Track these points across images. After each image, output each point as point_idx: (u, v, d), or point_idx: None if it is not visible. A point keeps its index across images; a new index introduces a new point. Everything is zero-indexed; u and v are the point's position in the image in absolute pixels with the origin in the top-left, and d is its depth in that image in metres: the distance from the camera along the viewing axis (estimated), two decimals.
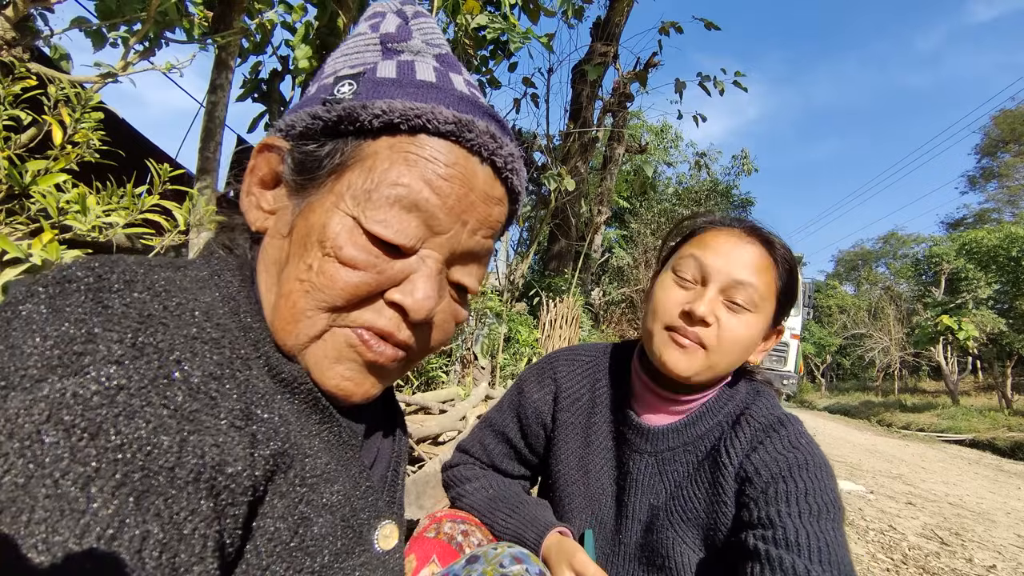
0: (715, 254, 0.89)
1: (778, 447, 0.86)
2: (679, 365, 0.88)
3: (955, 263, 18.90)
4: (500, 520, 0.99)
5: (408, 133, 0.48)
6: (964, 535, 3.86)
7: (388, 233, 0.47)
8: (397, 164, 0.47)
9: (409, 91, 0.49)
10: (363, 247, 0.46)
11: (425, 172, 0.47)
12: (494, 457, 1.12)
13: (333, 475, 0.48)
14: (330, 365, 0.48)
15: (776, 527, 0.77)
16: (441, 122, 0.47)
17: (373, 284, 0.47)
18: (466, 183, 0.49)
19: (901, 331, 25.78)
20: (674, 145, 19.77)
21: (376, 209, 0.46)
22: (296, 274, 0.47)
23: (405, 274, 0.49)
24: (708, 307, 0.86)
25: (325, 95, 0.50)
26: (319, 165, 0.48)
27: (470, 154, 0.50)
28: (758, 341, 0.92)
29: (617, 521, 1.00)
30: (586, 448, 1.04)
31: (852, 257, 44.20)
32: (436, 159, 0.48)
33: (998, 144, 35.13)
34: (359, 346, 0.49)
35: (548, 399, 1.07)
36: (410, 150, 0.47)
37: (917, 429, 14.03)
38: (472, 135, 0.49)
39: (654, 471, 0.97)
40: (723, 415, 0.95)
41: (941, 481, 6.35)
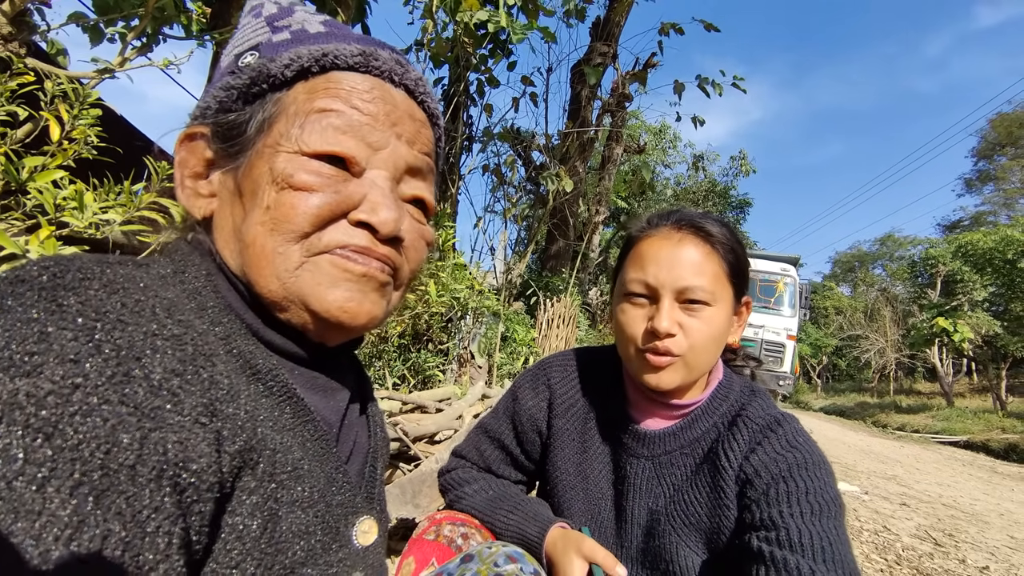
0: (655, 266, 0.89)
1: (777, 447, 0.87)
2: (661, 383, 0.89)
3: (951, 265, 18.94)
4: (501, 518, 0.99)
5: (320, 73, 0.51)
6: (958, 536, 3.88)
7: (332, 147, 0.49)
8: (319, 99, 0.50)
9: (308, 42, 0.53)
10: (313, 170, 0.49)
11: (347, 99, 0.51)
12: (490, 462, 1.12)
13: (307, 471, 0.47)
14: (327, 291, 0.49)
15: (779, 528, 0.77)
16: (348, 55, 0.51)
17: (333, 203, 0.49)
18: (388, 102, 0.53)
19: (897, 333, 25.87)
20: (672, 146, 19.80)
21: (313, 134, 0.49)
22: (256, 220, 0.48)
23: (361, 195, 0.50)
24: (668, 320, 0.86)
25: (230, 71, 0.52)
26: (245, 128, 0.51)
27: (382, 80, 0.53)
28: (728, 326, 0.93)
29: (618, 525, 1.00)
30: (583, 454, 1.04)
31: (849, 259, 44.31)
32: (354, 87, 0.51)
33: (995, 147, 35.26)
34: (345, 263, 0.49)
35: (543, 405, 1.08)
36: (327, 86, 0.51)
37: (912, 430, 14.09)
38: (379, 62, 0.53)
39: (652, 475, 0.97)
40: (719, 416, 0.95)
41: (935, 482, 6.38)
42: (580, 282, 7.62)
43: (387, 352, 3.37)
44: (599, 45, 6.76)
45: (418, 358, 3.43)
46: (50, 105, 1.57)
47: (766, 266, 10.95)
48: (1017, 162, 33.65)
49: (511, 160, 4.82)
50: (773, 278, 10.76)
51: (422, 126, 0.56)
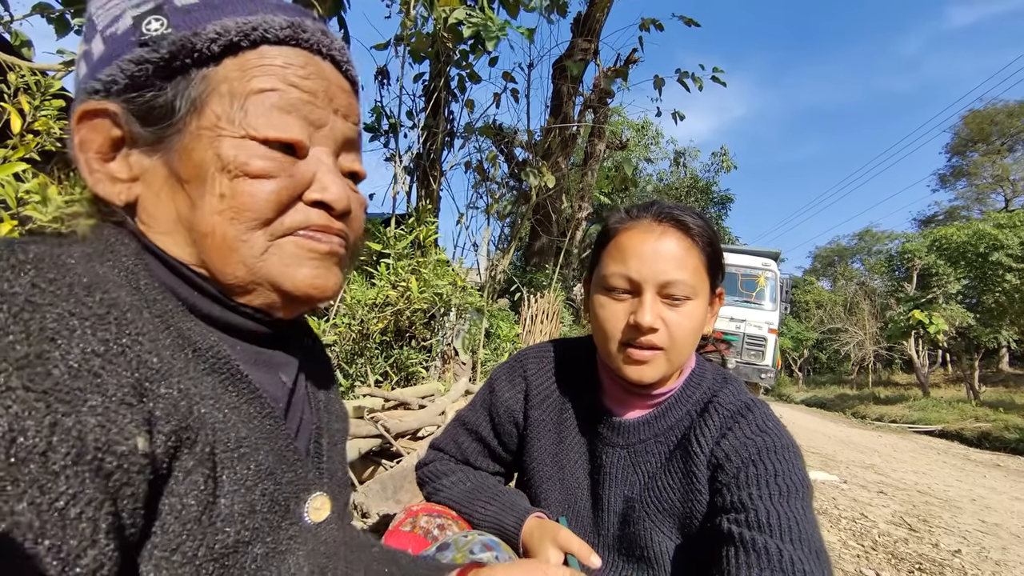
0: (637, 259, 0.89)
1: (747, 432, 0.88)
2: (644, 376, 0.90)
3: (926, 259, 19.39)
4: (479, 509, 0.99)
5: (250, 48, 0.49)
6: (931, 521, 3.98)
7: (283, 133, 0.49)
8: (256, 77, 0.48)
9: (227, 8, 0.49)
10: (266, 156, 0.48)
11: (285, 76, 0.49)
12: (468, 454, 1.12)
13: (252, 448, 0.46)
14: (295, 271, 0.50)
15: (748, 510, 0.78)
16: (278, 28, 0.49)
17: (290, 187, 0.49)
18: (323, 76, 0.52)
19: (875, 325, 26.43)
20: (655, 142, 19.96)
21: (259, 117, 0.48)
22: (211, 209, 0.47)
23: (310, 174, 0.51)
24: (652, 314, 0.87)
25: (131, 38, 0.47)
26: (172, 110, 0.47)
27: (312, 53, 0.52)
28: (705, 318, 0.94)
29: (594, 514, 1.01)
30: (559, 444, 1.05)
31: (829, 253, 45.10)
32: (289, 64, 0.50)
33: (967, 144, 36.14)
34: (309, 243, 0.51)
35: (519, 397, 1.08)
36: (262, 63, 0.49)
37: (890, 421, 14.42)
38: (307, 34, 0.51)
39: (627, 463, 0.98)
40: (691, 404, 0.96)
41: (911, 470, 6.54)
42: (564, 278, 7.64)
43: (369, 349, 3.34)
44: (580, 41, 6.77)
45: (400, 355, 3.41)
46: (12, 97, 1.52)
47: (747, 261, 11.07)
48: (988, 158, 34.54)
49: (492, 156, 4.81)
50: (754, 273, 10.89)
51: (350, 95, 0.56)
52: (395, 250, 3.37)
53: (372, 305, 3.21)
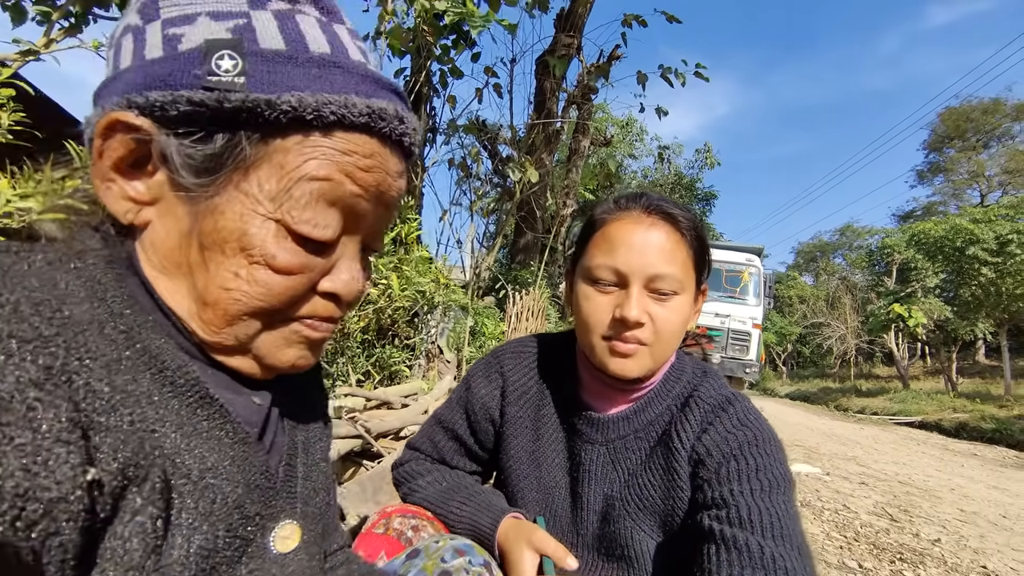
0: (626, 250, 0.86)
1: (728, 426, 0.86)
2: (627, 371, 0.87)
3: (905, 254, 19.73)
4: (454, 510, 0.96)
5: (320, 129, 0.43)
6: (912, 511, 4.04)
7: (318, 233, 0.45)
8: (313, 160, 0.43)
9: (311, 72, 0.43)
10: (295, 251, 0.44)
11: (344, 166, 0.45)
12: (444, 453, 1.08)
13: (220, 477, 0.43)
14: (282, 351, 0.49)
15: (730, 506, 0.76)
16: (356, 116, 0.44)
17: (307, 283, 0.47)
18: (383, 168, 0.48)
19: (856, 319, 26.87)
20: (639, 139, 20.04)
21: (301, 209, 0.44)
22: (220, 282, 0.44)
23: (331, 264, 0.48)
24: (639, 309, 0.84)
25: (197, 70, 0.41)
26: (218, 166, 0.42)
27: (382, 141, 0.47)
28: (691, 313, 0.92)
29: (573, 513, 0.98)
30: (537, 441, 1.02)
31: (811, 249, 45.74)
32: (354, 152, 0.45)
33: (944, 140, 36.87)
34: (305, 330, 0.49)
35: (496, 394, 1.05)
36: (325, 145, 0.44)
37: (871, 413, 14.68)
38: (384, 123, 0.46)
39: (606, 460, 0.95)
40: (672, 398, 0.94)
41: (892, 461, 6.64)
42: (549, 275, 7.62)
43: (350, 348, 3.29)
44: (563, 36, 6.74)
45: (383, 354, 3.36)
46: None
47: (731, 256, 11.17)
48: (964, 155, 35.27)
49: (475, 152, 4.76)
50: (738, 268, 10.98)
51: (402, 177, 0.51)
52: None
53: None
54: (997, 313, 16.10)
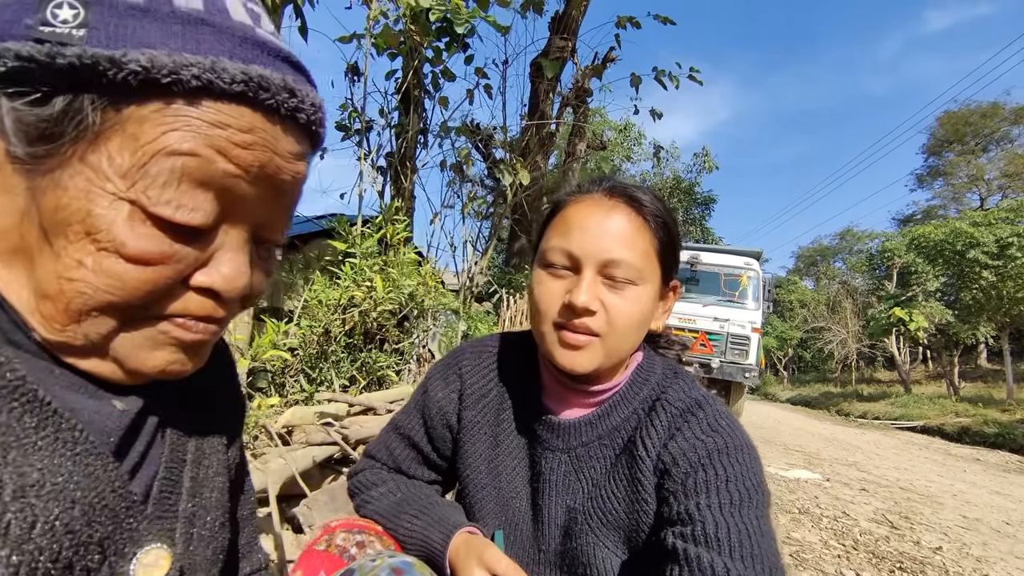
0: (581, 233, 0.79)
1: (696, 432, 0.78)
2: (576, 364, 0.79)
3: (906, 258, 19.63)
4: (405, 524, 0.88)
5: (183, 97, 0.36)
6: (913, 518, 3.94)
7: (182, 216, 0.37)
8: (174, 131, 0.36)
9: (171, 28, 0.36)
10: (152, 238, 0.37)
11: (215, 140, 0.37)
12: (400, 461, 1.01)
13: (48, 495, 0.36)
14: (148, 354, 0.41)
15: (695, 522, 0.68)
16: (227, 82, 0.37)
17: (173, 276, 0.39)
18: (268, 147, 0.40)
19: (857, 324, 26.74)
20: (637, 143, 20.01)
21: (159, 188, 0.36)
22: (62, 271, 0.37)
23: (207, 255, 0.41)
24: (589, 294, 0.76)
25: (29, 19, 0.34)
26: (57, 133, 0.35)
27: (267, 116, 0.40)
28: (653, 309, 0.84)
29: (534, 527, 0.90)
30: (495, 448, 0.94)
31: (811, 253, 45.61)
32: (227, 125, 0.38)
33: (943, 144, 36.84)
34: (175, 330, 0.42)
35: (453, 397, 0.97)
36: (190, 115, 0.36)
37: (873, 418, 14.55)
38: (267, 94, 0.39)
39: (569, 469, 0.88)
40: (639, 402, 0.86)
41: (893, 467, 6.54)
42: None
43: (335, 352, 3.21)
44: (557, 39, 6.70)
45: (368, 358, 3.28)
46: None
47: (730, 260, 11.09)
48: (964, 158, 35.24)
49: (465, 153, 4.71)
50: (737, 272, 10.90)
51: (301, 160, 0.44)
52: (360, 249, 3.25)
53: (336, 306, 3.08)
54: (998, 317, 15.99)
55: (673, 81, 5.50)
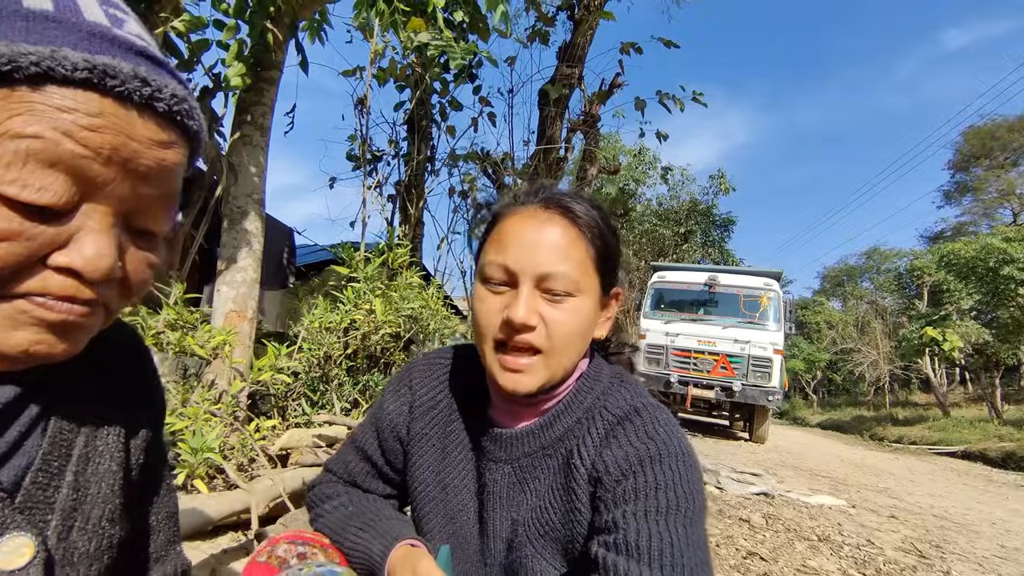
0: (516, 248, 0.78)
1: (631, 439, 0.76)
2: (520, 385, 0.78)
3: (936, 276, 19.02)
4: (351, 537, 0.87)
5: (27, 83, 0.39)
6: (945, 547, 3.72)
7: (28, 195, 0.39)
8: (19, 116, 0.38)
9: (15, 25, 0.39)
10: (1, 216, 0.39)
11: (60, 123, 0.39)
12: (355, 475, 1.00)
13: None
14: (8, 334, 0.42)
15: (619, 530, 0.67)
16: (69, 69, 0.39)
17: (24, 253, 0.40)
18: (121, 132, 0.42)
19: (888, 344, 25.83)
20: (652, 167, 20.04)
21: (3, 168, 0.38)
22: None
23: (68, 234, 0.42)
24: (526, 310, 0.76)
25: None
26: None
27: (119, 102, 0.42)
28: (595, 318, 0.83)
29: (481, 540, 0.89)
30: (443, 460, 0.93)
31: (837, 273, 44.52)
32: (73, 109, 0.40)
33: (969, 159, 35.96)
34: (36, 309, 0.42)
35: (404, 409, 0.97)
36: (33, 100, 0.39)
37: (909, 442, 13.90)
38: (116, 81, 0.41)
39: (513, 481, 0.86)
40: (582, 411, 0.85)
41: (928, 493, 6.21)
42: None
43: (337, 376, 3.24)
44: (564, 67, 6.84)
45: (371, 380, 3.29)
46: None
47: (749, 281, 10.92)
48: (993, 173, 34.31)
49: (471, 179, 4.78)
50: (756, 293, 10.71)
51: (168, 148, 0.46)
52: (363, 273, 3.30)
53: (337, 330, 3.12)
54: None
55: (677, 104, 5.54)
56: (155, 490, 0.64)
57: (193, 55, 2.80)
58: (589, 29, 6.88)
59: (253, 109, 3.07)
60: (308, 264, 7.80)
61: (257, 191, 3.03)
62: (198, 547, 1.89)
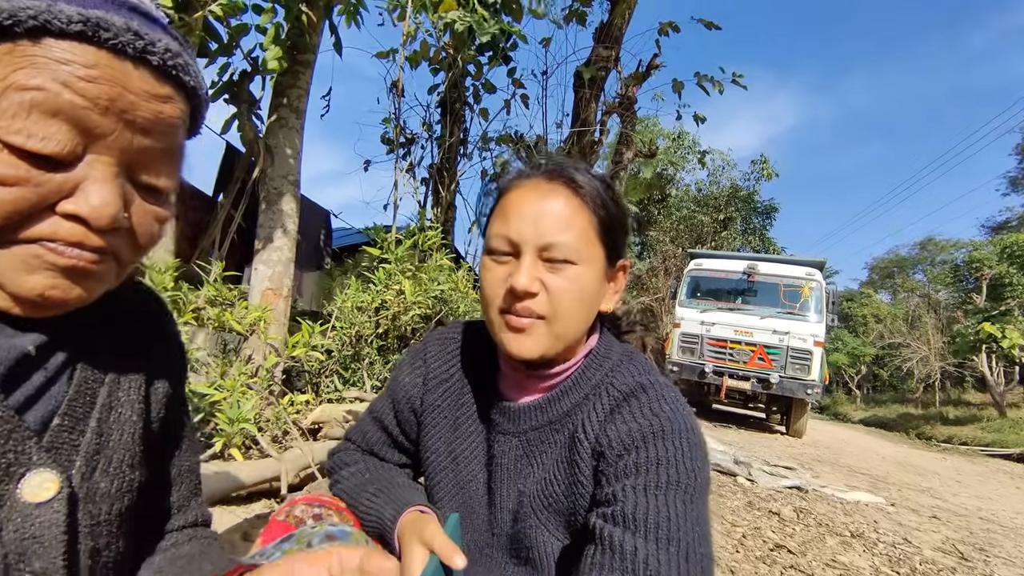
0: (518, 220, 0.79)
1: (636, 415, 0.76)
2: (523, 349, 0.80)
3: (997, 268, 17.92)
4: (364, 502, 0.91)
5: (27, 37, 0.42)
6: (990, 551, 3.56)
7: (32, 143, 0.42)
8: (21, 69, 0.41)
9: None
10: (6, 161, 0.42)
11: (58, 74, 0.42)
12: (372, 444, 1.04)
13: None
14: (24, 278, 0.45)
15: (617, 502, 0.67)
16: (64, 22, 0.42)
17: (33, 199, 0.43)
18: (117, 83, 0.44)
19: (941, 340, 24.58)
20: (691, 151, 19.44)
21: (10, 119, 0.41)
22: None
23: (74, 183, 0.44)
24: (528, 277, 0.77)
25: None
26: None
27: (113, 54, 0.44)
28: (599, 289, 0.83)
29: (489, 510, 0.91)
30: (454, 431, 0.96)
31: (887, 264, 42.48)
32: (71, 61, 0.42)
33: None
34: (48, 254, 0.45)
35: (418, 381, 1.00)
36: (35, 53, 0.42)
37: (960, 443, 13.26)
38: (109, 34, 0.43)
39: (521, 454, 0.88)
40: (590, 387, 0.85)
41: (975, 495, 5.94)
42: None
43: (368, 355, 3.32)
44: (600, 48, 6.69)
45: (400, 359, 3.37)
46: None
47: (790, 271, 10.55)
48: None
49: (503, 162, 4.78)
50: (798, 283, 10.34)
51: (164, 102, 0.48)
52: (394, 255, 3.36)
53: (368, 310, 3.19)
54: None
55: (716, 86, 5.35)
56: (176, 444, 0.68)
57: (232, 39, 2.88)
58: (627, 9, 6.70)
59: (289, 92, 3.15)
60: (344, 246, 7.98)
61: (292, 172, 3.11)
62: (233, 511, 2.00)
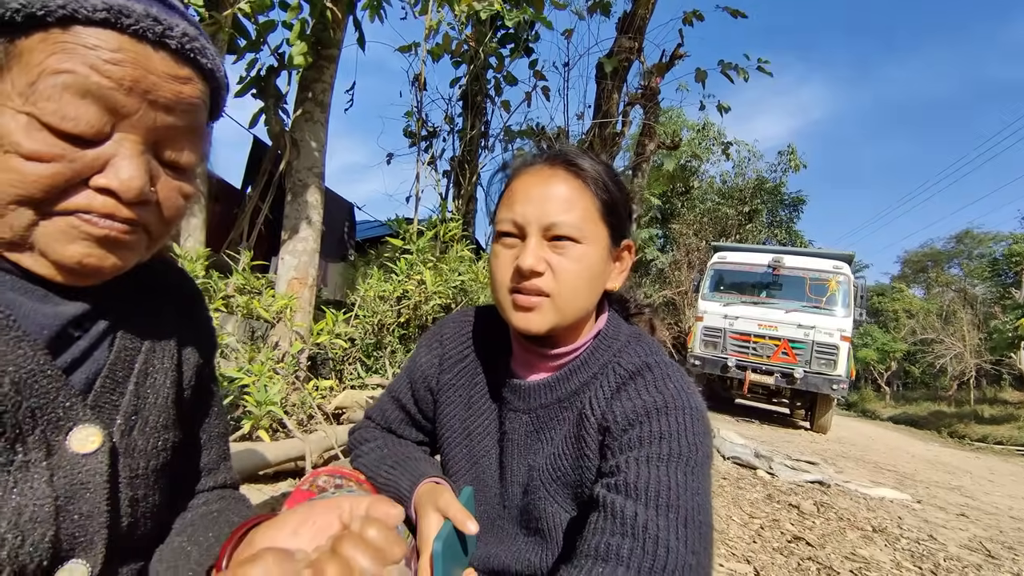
0: (523, 204, 0.83)
1: (641, 392, 0.79)
2: (531, 324, 0.84)
3: None
4: (383, 474, 0.97)
5: (58, 25, 0.46)
6: (1019, 549, 3.48)
7: (66, 124, 0.47)
8: (54, 55, 0.46)
9: None
10: (46, 141, 0.47)
11: (87, 59, 0.47)
12: (391, 422, 1.10)
13: None
14: (64, 247, 0.49)
15: (620, 472, 0.71)
16: (90, 10, 0.46)
17: (68, 173, 0.48)
18: (139, 65, 0.49)
19: (977, 336, 23.76)
20: (716, 142, 19.09)
21: (46, 101, 0.46)
22: None
23: (104, 159, 0.49)
24: (533, 256, 0.81)
25: None
26: None
27: (135, 39, 0.49)
28: (604, 268, 0.86)
29: (500, 484, 0.96)
30: (468, 409, 1.01)
31: (920, 258, 41.12)
32: (97, 46, 0.47)
33: None
34: (83, 225, 0.49)
35: (434, 362, 1.05)
36: (65, 40, 0.46)
37: (994, 442, 12.85)
38: (130, 20, 0.48)
39: (531, 430, 0.92)
40: (598, 367, 0.89)
41: (1007, 495, 5.77)
42: None
43: (390, 343, 3.40)
44: (624, 39, 6.64)
45: None
46: None
47: (817, 264, 10.31)
48: None
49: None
50: (824, 276, 10.10)
51: (185, 83, 0.52)
52: (416, 246, 3.43)
53: (390, 299, 3.27)
54: None
55: (741, 74, 5.27)
56: (206, 411, 0.74)
57: (260, 36, 2.96)
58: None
59: (314, 86, 3.22)
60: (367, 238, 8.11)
61: (317, 165, 3.19)
62: (260, 490, 2.09)
